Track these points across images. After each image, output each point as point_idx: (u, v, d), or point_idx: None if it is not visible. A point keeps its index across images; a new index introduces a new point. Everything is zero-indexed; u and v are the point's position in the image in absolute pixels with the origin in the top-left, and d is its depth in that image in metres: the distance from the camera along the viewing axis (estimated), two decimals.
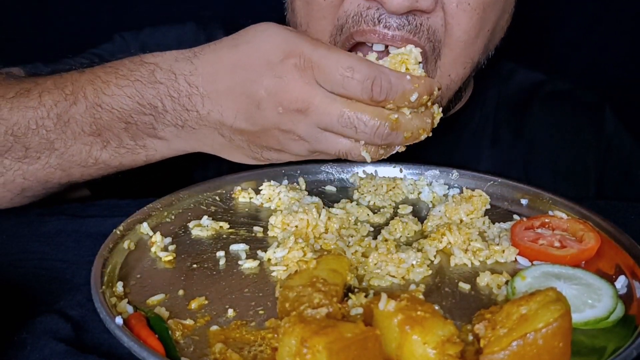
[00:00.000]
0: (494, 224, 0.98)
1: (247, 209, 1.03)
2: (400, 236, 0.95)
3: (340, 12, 0.98)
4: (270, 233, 0.94)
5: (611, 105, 1.29)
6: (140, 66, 0.90)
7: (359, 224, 0.98)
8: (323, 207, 0.96)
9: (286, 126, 0.84)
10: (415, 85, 0.81)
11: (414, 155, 1.17)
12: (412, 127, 0.84)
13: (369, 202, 1.05)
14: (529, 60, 1.32)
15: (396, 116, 0.83)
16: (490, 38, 1.04)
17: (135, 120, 0.90)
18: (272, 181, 1.07)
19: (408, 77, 0.82)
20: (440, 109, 0.88)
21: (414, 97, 0.82)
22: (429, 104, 0.85)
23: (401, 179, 1.11)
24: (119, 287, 0.79)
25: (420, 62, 0.85)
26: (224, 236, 0.94)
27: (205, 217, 0.97)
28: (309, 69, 0.81)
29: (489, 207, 1.02)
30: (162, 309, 0.76)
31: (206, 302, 0.78)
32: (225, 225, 0.96)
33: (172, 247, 0.90)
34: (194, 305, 0.78)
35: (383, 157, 0.89)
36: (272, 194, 1.04)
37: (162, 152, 0.94)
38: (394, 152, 0.89)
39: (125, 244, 0.88)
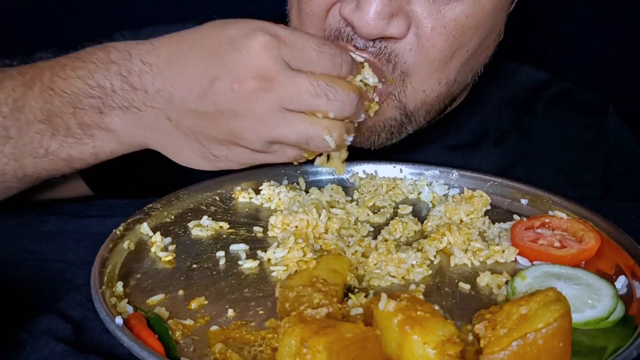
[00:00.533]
0: (494, 224, 0.98)
1: (247, 209, 1.03)
2: (400, 236, 0.95)
3: (325, 24, 0.98)
4: (270, 233, 0.94)
5: (614, 106, 1.29)
6: (100, 50, 0.89)
7: (359, 224, 0.98)
8: (323, 207, 0.96)
9: (241, 106, 0.80)
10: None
11: (415, 154, 1.18)
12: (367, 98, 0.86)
13: (367, 199, 1.05)
14: (530, 60, 1.32)
15: (359, 84, 0.85)
16: (471, 57, 1.02)
17: (84, 104, 0.88)
18: (272, 181, 1.07)
19: None
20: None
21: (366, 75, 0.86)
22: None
23: (401, 179, 1.11)
24: (119, 287, 0.79)
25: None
26: (224, 236, 0.94)
27: (205, 217, 0.97)
28: (274, 46, 0.78)
29: (489, 207, 1.02)
30: (162, 309, 0.76)
31: (206, 302, 0.78)
32: (225, 225, 0.96)
33: (172, 247, 0.90)
34: (194, 305, 0.78)
35: (345, 144, 0.86)
36: (272, 194, 1.04)
37: (110, 144, 0.90)
38: (352, 136, 0.86)
39: (125, 244, 0.88)
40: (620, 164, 1.26)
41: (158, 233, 0.91)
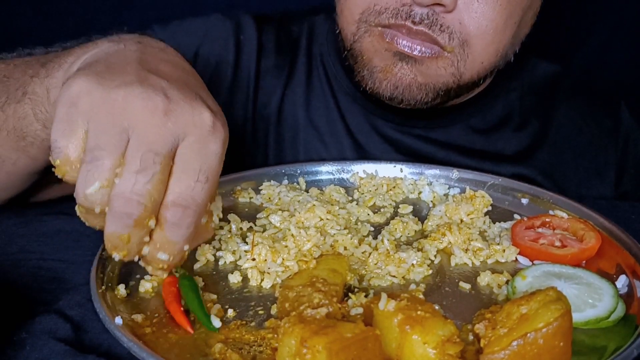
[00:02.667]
0: (494, 223, 0.98)
1: (247, 209, 1.02)
2: (401, 236, 0.95)
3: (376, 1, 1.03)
4: (270, 233, 0.93)
5: (624, 100, 1.34)
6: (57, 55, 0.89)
7: (359, 223, 0.98)
8: (323, 207, 0.96)
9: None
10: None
11: (441, 133, 1.24)
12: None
13: (367, 199, 1.05)
14: (535, 56, 1.34)
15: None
16: (517, 30, 1.08)
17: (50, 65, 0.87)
18: (272, 181, 1.07)
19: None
20: None
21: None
22: None
23: (401, 178, 1.11)
24: (122, 290, 0.79)
25: None
26: (224, 236, 0.93)
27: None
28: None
29: (489, 208, 1.02)
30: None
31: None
32: (226, 225, 0.95)
33: None
34: None
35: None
36: (272, 194, 1.04)
37: (56, 83, 0.86)
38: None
39: None
40: (634, 157, 1.30)
41: None
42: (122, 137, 0.67)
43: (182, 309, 0.75)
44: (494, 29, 1.03)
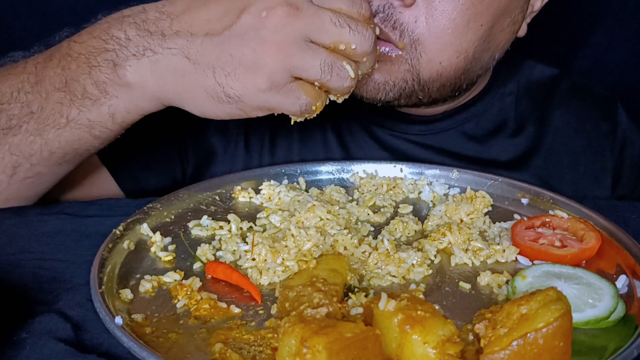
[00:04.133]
0: (494, 223, 0.98)
1: (247, 209, 1.02)
2: (401, 236, 0.95)
3: None
4: (270, 232, 0.93)
5: (621, 102, 1.33)
6: (114, 13, 0.90)
7: (359, 223, 0.98)
8: (323, 207, 0.96)
9: (269, 32, 0.80)
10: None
11: (434, 139, 1.23)
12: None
13: (367, 199, 1.05)
14: (534, 58, 1.34)
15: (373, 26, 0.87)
16: (488, 36, 1.06)
17: (99, 61, 0.88)
18: (272, 181, 1.07)
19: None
20: None
21: (377, 31, 0.87)
22: None
23: (401, 178, 1.11)
24: (128, 294, 0.79)
25: None
26: (224, 236, 0.93)
27: (205, 217, 0.97)
28: None
29: (489, 208, 1.02)
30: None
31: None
32: (225, 225, 0.95)
33: (172, 247, 0.90)
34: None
35: (358, 79, 0.87)
36: (272, 194, 1.04)
37: (124, 101, 0.89)
38: (367, 72, 0.89)
39: (125, 244, 0.88)
40: (631, 159, 1.29)
41: (158, 233, 0.91)
42: (311, 47, 0.82)
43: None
44: (452, 29, 1.01)
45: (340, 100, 0.91)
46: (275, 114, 0.87)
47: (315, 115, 0.89)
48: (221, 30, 0.82)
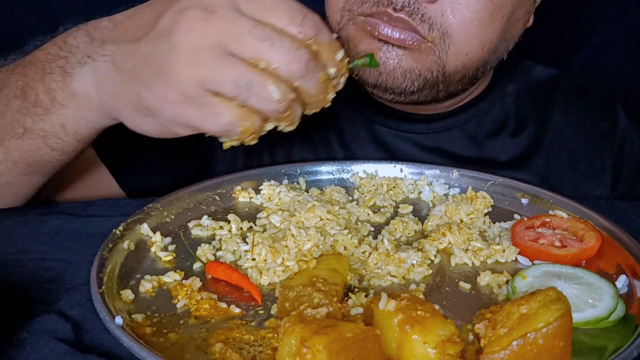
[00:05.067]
0: (494, 223, 0.98)
1: (247, 209, 1.02)
2: (401, 236, 0.95)
3: None
4: (270, 232, 0.93)
5: (620, 102, 1.34)
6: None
7: (359, 223, 0.98)
8: (323, 207, 0.96)
9: (180, 36, 0.73)
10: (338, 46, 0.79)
11: (437, 139, 1.23)
12: (326, 75, 0.78)
13: (367, 199, 1.05)
14: (533, 58, 1.34)
15: (316, 48, 0.76)
16: (507, 27, 1.07)
17: (52, 68, 0.87)
18: (272, 181, 1.07)
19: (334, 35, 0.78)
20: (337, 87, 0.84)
21: (339, 56, 0.78)
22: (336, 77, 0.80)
23: (401, 178, 1.11)
24: (129, 294, 0.79)
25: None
26: (224, 236, 0.93)
27: (205, 217, 0.97)
28: None
29: (490, 209, 1.02)
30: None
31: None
32: (226, 225, 0.95)
33: (172, 247, 0.90)
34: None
35: (288, 112, 0.77)
36: (272, 194, 1.03)
37: (73, 111, 0.87)
38: (315, 100, 0.79)
39: (125, 244, 0.88)
40: (630, 159, 1.30)
41: (158, 233, 0.91)
42: (228, 58, 0.72)
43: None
44: (478, 21, 1.02)
45: (286, 130, 0.81)
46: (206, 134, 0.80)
47: (256, 140, 0.79)
48: (142, 36, 0.78)
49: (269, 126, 0.79)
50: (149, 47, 0.76)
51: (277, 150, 1.26)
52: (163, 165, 1.23)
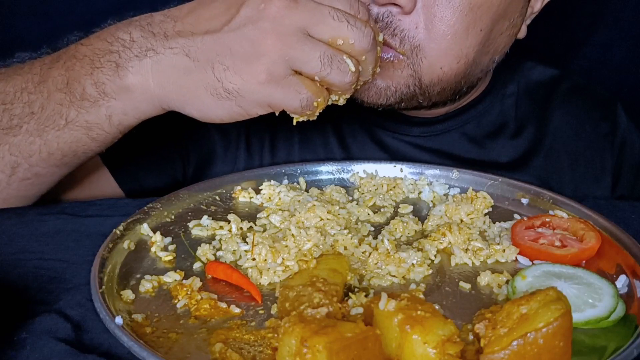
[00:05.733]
0: (494, 223, 0.98)
1: (247, 209, 1.02)
2: (401, 236, 0.95)
3: None
4: (270, 232, 0.93)
5: (620, 102, 1.34)
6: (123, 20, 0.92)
7: (359, 223, 0.98)
8: (323, 207, 0.96)
9: (268, 22, 0.81)
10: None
11: (435, 141, 1.24)
12: (380, 49, 0.90)
13: (367, 199, 1.05)
14: (534, 58, 1.34)
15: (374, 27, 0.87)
16: (487, 40, 1.06)
17: (102, 62, 0.88)
18: (272, 181, 1.07)
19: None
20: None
21: (380, 37, 0.89)
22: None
23: (401, 178, 1.11)
24: (129, 294, 0.79)
25: None
26: (224, 236, 0.93)
27: (205, 217, 0.97)
28: None
29: (490, 209, 1.02)
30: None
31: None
32: (226, 225, 0.95)
33: (172, 247, 0.90)
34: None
35: (359, 83, 0.88)
36: (272, 194, 1.04)
37: (123, 103, 0.89)
38: (368, 75, 0.89)
39: (125, 244, 0.88)
40: (630, 159, 1.30)
41: (158, 233, 0.91)
42: (311, 40, 0.81)
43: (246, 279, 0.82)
44: (452, 35, 1.01)
45: (341, 102, 0.91)
46: (277, 113, 0.87)
47: (316, 116, 0.88)
48: (221, 27, 0.83)
49: (331, 99, 0.89)
50: (233, 36, 0.82)
51: (278, 151, 1.26)
52: (163, 166, 1.23)
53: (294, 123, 0.88)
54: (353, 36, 0.82)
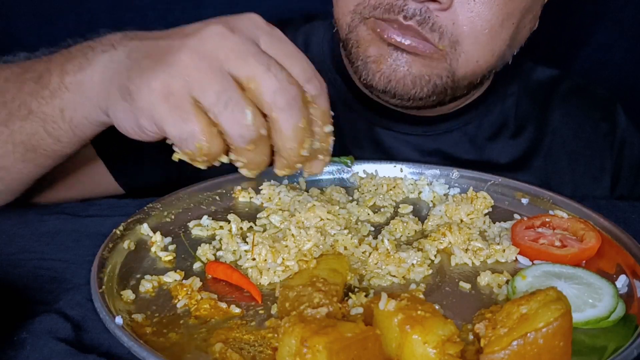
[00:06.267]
0: (494, 223, 0.98)
1: (247, 209, 1.02)
2: (401, 236, 0.95)
3: None
4: (270, 232, 0.93)
5: (620, 102, 1.34)
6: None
7: (359, 223, 0.98)
8: (323, 207, 0.96)
9: (194, 39, 0.75)
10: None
11: (437, 141, 1.24)
12: (306, 121, 0.76)
13: (367, 199, 1.05)
14: (534, 59, 1.35)
15: (310, 99, 0.76)
16: (516, 33, 1.08)
17: (76, 55, 0.88)
18: (272, 181, 1.07)
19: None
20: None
21: (328, 129, 0.78)
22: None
23: (401, 178, 1.11)
24: (129, 294, 0.79)
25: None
26: (224, 236, 0.93)
27: (205, 217, 0.97)
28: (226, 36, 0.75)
29: (490, 209, 1.02)
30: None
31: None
32: (226, 225, 0.95)
33: (172, 247, 0.90)
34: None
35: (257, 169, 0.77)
36: (272, 194, 1.03)
37: (74, 98, 0.87)
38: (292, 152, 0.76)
39: (125, 244, 0.88)
40: (630, 159, 1.30)
41: (158, 233, 0.91)
42: (223, 72, 0.73)
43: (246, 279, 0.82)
44: (489, 29, 1.03)
45: (243, 171, 0.78)
46: (167, 140, 0.78)
47: (202, 167, 0.77)
48: (165, 37, 0.80)
49: (225, 158, 0.76)
50: (163, 43, 0.79)
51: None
52: (160, 161, 1.22)
53: (173, 158, 0.77)
54: (266, 83, 0.72)
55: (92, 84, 0.85)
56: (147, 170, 1.20)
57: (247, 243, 0.89)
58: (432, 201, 1.07)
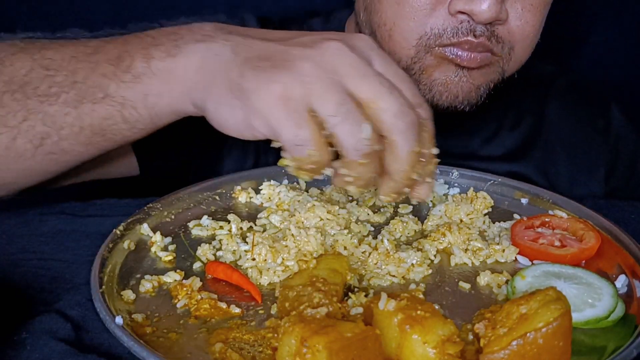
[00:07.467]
0: (494, 223, 0.99)
1: (247, 209, 1.03)
2: (401, 236, 0.95)
3: (432, 22, 1.05)
4: (270, 232, 0.94)
5: (615, 102, 1.37)
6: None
7: (359, 223, 0.98)
8: (323, 207, 0.96)
9: (314, 50, 0.77)
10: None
11: (439, 137, 1.21)
12: (419, 151, 0.79)
13: (367, 199, 1.05)
14: (533, 56, 1.35)
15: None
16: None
17: (163, 41, 0.87)
18: (272, 181, 1.07)
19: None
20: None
21: (435, 151, 0.81)
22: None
23: None
24: (129, 294, 0.79)
25: None
26: (224, 236, 0.93)
27: (205, 217, 0.97)
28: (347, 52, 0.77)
29: (489, 209, 1.02)
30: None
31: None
32: (226, 225, 0.95)
33: (172, 247, 0.90)
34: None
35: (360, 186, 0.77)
36: (272, 194, 1.04)
37: (161, 84, 0.86)
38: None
39: (125, 244, 0.88)
40: (624, 156, 1.33)
41: (158, 233, 0.91)
42: (342, 87, 0.74)
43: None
44: (534, 33, 1.10)
45: (354, 190, 0.78)
46: (272, 143, 0.79)
47: (305, 178, 0.77)
48: (275, 41, 0.81)
49: (328, 171, 0.76)
50: (279, 48, 0.79)
51: (279, 151, 1.26)
52: (178, 145, 1.21)
53: (279, 163, 0.78)
54: (389, 105, 0.74)
55: (185, 72, 0.84)
56: (165, 151, 1.18)
57: (247, 243, 0.89)
58: (432, 201, 1.06)
